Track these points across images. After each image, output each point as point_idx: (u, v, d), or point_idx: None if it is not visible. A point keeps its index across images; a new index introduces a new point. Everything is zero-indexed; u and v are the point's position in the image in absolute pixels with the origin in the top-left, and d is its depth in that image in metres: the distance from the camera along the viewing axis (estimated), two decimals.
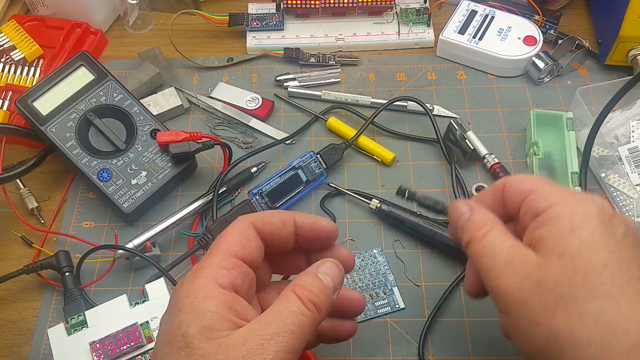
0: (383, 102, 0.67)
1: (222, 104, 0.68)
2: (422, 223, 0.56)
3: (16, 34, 0.68)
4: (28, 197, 0.62)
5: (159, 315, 0.48)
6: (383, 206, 0.58)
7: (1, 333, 0.55)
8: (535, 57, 0.67)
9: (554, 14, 0.72)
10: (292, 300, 0.35)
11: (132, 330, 0.47)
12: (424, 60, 0.72)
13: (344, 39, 0.73)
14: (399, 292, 0.55)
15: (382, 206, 0.58)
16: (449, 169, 0.61)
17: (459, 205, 0.41)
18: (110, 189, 0.58)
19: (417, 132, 0.65)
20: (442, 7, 0.75)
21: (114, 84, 0.62)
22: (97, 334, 0.47)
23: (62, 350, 0.47)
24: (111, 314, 0.49)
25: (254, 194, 0.58)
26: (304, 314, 0.34)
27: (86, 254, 0.54)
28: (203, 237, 0.56)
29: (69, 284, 0.54)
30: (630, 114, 0.63)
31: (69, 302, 0.53)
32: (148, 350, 0.47)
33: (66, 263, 0.55)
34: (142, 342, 0.47)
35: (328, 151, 0.61)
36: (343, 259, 0.41)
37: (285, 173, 0.60)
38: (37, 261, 0.55)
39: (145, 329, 0.48)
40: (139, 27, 0.77)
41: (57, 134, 0.59)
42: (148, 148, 0.60)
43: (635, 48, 0.65)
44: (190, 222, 0.59)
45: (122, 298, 0.49)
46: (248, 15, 0.74)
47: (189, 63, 0.72)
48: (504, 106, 0.67)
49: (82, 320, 0.49)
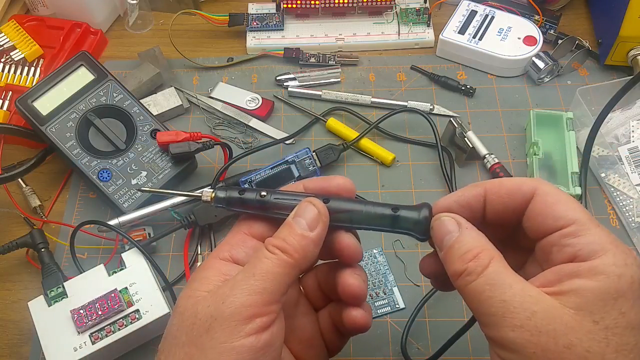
0: (383, 102, 0.67)
1: (222, 104, 0.68)
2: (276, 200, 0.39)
3: (16, 34, 0.68)
4: (31, 196, 0.62)
5: (137, 281, 0.51)
6: (219, 193, 0.40)
7: (1, 333, 0.55)
8: (535, 57, 0.67)
9: (554, 14, 0.72)
10: (258, 249, 0.37)
11: (112, 296, 0.49)
12: (424, 60, 0.72)
13: (344, 39, 0.73)
14: (399, 292, 0.55)
15: (218, 193, 0.40)
16: (449, 169, 0.61)
17: (445, 220, 0.36)
18: (110, 189, 0.58)
19: (417, 132, 0.65)
20: (442, 7, 0.75)
21: (114, 84, 0.62)
22: (78, 303, 0.48)
23: (43, 322, 0.48)
24: (90, 284, 0.50)
25: (243, 182, 0.59)
26: (268, 257, 0.35)
27: (73, 232, 0.55)
28: (186, 217, 0.57)
29: (45, 259, 0.54)
30: (630, 114, 0.63)
31: (47, 276, 0.53)
32: (129, 314, 0.49)
33: (41, 240, 0.56)
34: (123, 307, 0.49)
35: (324, 150, 0.61)
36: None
37: (278, 166, 0.60)
38: (12, 241, 0.56)
39: (125, 294, 0.50)
40: (139, 27, 0.77)
41: (57, 134, 0.59)
42: (148, 148, 0.60)
43: (635, 48, 0.65)
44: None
45: (100, 267, 0.51)
46: (248, 15, 0.74)
47: (189, 63, 0.72)
48: (504, 106, 0.67)
49: (61, 292, 0.50)
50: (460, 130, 0.62)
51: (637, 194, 0.58)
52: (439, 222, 0.36)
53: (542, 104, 0.67)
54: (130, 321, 0.49)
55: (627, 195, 0.58)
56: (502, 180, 0.36)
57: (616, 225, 0.58)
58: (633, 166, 0.60)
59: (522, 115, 0.66)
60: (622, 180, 0.59)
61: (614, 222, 0.58)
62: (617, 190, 0.59)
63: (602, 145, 0.60)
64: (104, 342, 0.48)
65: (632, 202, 0.58)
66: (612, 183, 0.59)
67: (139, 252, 0.52)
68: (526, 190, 0.35)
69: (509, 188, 0.35)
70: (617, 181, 0.59)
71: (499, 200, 0.36)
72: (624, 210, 0.58)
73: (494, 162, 0.61)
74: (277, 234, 0.37)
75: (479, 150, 0.62)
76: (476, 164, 0.63)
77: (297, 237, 0.36)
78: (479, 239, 0.34)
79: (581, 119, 0.62)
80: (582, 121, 0.62)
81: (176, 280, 0.56)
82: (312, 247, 0.37)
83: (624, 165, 0.60)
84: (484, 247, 0.33)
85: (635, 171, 0.60)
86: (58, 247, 0.58)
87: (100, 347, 0.48)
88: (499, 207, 0.36)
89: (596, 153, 0.60)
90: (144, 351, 0.52)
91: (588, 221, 0.32)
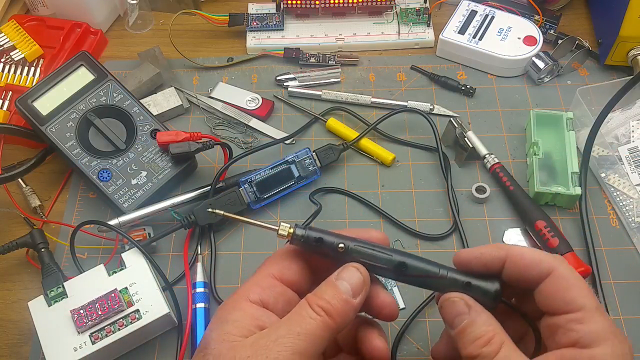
0: (383, 102, 0.67)
1: (222, 104, 0.68)
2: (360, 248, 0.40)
3: (16, 34, 0.68)
4: (31, 196, 0.62)
5: (137, 281, 0.51)
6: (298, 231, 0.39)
7: (1, 333, 0.55)
8: (535, 57, 0.67)
9: (554, 14, 0.72)
10: (302, 306, 0.37)
11: (112, 296, 0.49)
12: (424, 60, 0.72)
13: (344, 39, 0.73)
14: (399, 292, 0.55)
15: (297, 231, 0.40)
16: (449, 169, 0.61)
17: (456, 301, 0.38)
18: (110, 189, 0.58)
19: (417, 132, 0.65)
20: (442, 7, 0.75)
21: (114, 84, 0.62)
22: (78, 303, 0.48)
23: (43, 322, 0.48)
24: (90, 284, 0.50)
25: (243, 182, 0.59)
26: (313, 318, 0.36)
27: (73, 233, 0.55)
28: (186, 217, 0.56)
29: (45, 259, 0.54)
30: (630, 114, 0.63)
31: (47, 276, 0.53)
32: (129, 314, 0.49)
33: (41, 240, 0.56)
34: (123, 307, 0.49)
35: (324, 150, 0.61)
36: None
37: (278, 166, 0.60)
38: (12, 241, 0.56)
39: (125, 294, 0.50)
40: (139, 27, 0.77)
41: (57, 134, 0.59)
42: (148, 148, 0.60)
43: (635, 48, 0.65)
44: None
45: (100, 267, 0.51)
46: (248, 15, 0.74)
47: (189, 63, 0.72)
48: (504, 106, 0.67)
49: (61, 292, 0.50)
50: (460, 130, 0.62)
51: (637, 194, 0.58)
52: (450, 303, 0.38)
53: (542, 104, 0.67)
54: (130, 321, 0.49)
55: (627, 195, 0.58)
56: (524, 252, 0.38)
57: (616, 225, 0.58)
58: (633, 166, 0.60)
59: (522, 115, 0.66)
60: (622, 180, 0.59)
61: (614, 222, 0.58)
62: (617, 190, 0.59)
63: (602, 145, 0.60)
64: (104, 342, 0.48)
65: (632, 202, 0.58)
66: (612, 183, 0.59)
67: (139, 252, 0.52)
68: (544, 268, 0.37)
69: (529, 261, 0.38)
70: (617, 181, 0.59)
71: (516, 269, 0.38)
72: (624, 210, 0.58)
73: (494, 162, 0.61)
74: (321, 294, 0.37)
75: (479, 150, 0.62)
76: (476, 164, 0.63)
77: (342, 302, 0.37)
78: (490, 322, 0.37)
79: (581, 119, 0.62)
80: (582, 121, 0.62)
81: (176, 280, 0.56)
82: (353, 314, 0.37)
83: (624, 165, 0.60)
84: (495, 332, 0.36)
85: (635, 171, 0.60)
86: (58, 247, 0.58)
87: (100, 347, 0.48)
88: (516, 274, 0.38)
89: (596, 153, 0.60)
90: (144, 351, 0.52)
91: (594, 309, 0.35)
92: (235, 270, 0.57)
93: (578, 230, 0.57)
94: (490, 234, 0.58)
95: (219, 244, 0.59)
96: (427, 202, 0.60)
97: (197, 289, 0.54)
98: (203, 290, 0.54)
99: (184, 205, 0.59)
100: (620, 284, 0.54)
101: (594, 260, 0.55)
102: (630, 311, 0.53)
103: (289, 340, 0.34)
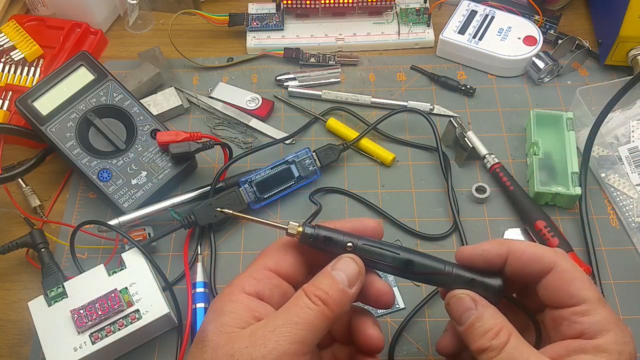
0: (383, 102, 0.67)
1: (222, 104, 0.68)
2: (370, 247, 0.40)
3: (16, 34, 0.68)
4: (31, 196, 0.62)
5: (137, 281, 0.51)
6: (307, 229, 0.39)
7: (1, 333, 0.55)
8: (535, 57, 0.67)
9: (554, 14, 0.72)
10: (299, 296, 0.37)
11: (112, 296, 0.49)
12: (424, 60, 0.72)
13: (344, 39, 0.73)
14: (399, 292, 0.55)
15: (306, 229, 0.39)
16: (449, 169, 0.61)
17: (463, 298, 0.39)
18: (110, 189, 0.58)
19: (417, 132, 0.65)
20: (442, 7, 0.75)
21: (114, 84, 0.62)
22: (78, 303, 0.49)
23: (43, 322, 0.49)
24: (90, 284, 0.50)
25: (243, 182, 0.59)
26: (310, 308, 0.36)
27: (73, 233, 0.55)
28: (186, 217, 0.56)
29: (45, 259, 0.54)
30: (630, 114, 0.63)
31: (47, 276, 0.53)
32: (129, 314, 0.49)
33: (41, 240, 0.56)
34: (123, 307, 0.49)
35: (324, 150, 0.61)
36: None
37: (278, 166, 0.60)
38: (12, 241, 0.56)
39: (125, 294, 0.50)
40: (139, 27, 0.77)
41: (57, 134, 0.59)
42: (148, 148, 0.60)
43: (635, 48, 0.65)
44: None
45: (100, 267, 0.51)
46: (248, 15, 0.74)
47: (189, 63, 0.72)
48: (504, 106, 0.67)
49: (61, 292, 0.50)
50: (460, 130, 0.62)
51: (637, 194, 0.58)
52: (456, 300, 0.39)
53: (542, 104, 0.67)
54: (130, 321, 0.49)
55: (627, 195, 0.58)
56: (525, 248, 0.39)
57: (616, 226, 0.58)
58: (633, 166, 0.60)
59: (522, 115, 0.66)
60: (622, 180, 0.59)
61: (614, 222, 0.58)
62: (617, 190, 0.59)
63: (602, 145, 0.60)
64: (104, 342, 0.48)
65: (632, 202, 0.58)
66: (612, 183, 0.59)
67: (139, 252, 0.52)
68: (546, 262, 0.38)
69: (531, 256, 0.39)
70: (617, 181, 0.59)
71: (518, 264, 0.39)
72: (624, 210, 0.58)
73: (494, 162, 0.61)
74: (318, 284, 0.37)
75: (479, 150, 0.62)
76: (476, 164, 0.63)
77: (339, 292, 0.37)
78: (496, 316, 0.38)
79: (581, 119, 0.62)
80: (582, 121, 0.62)
81: (176, 280, 0.56)
82: (349, 303, 0.38)
83: (624, 165, 0.60)
84: (503, 325, 0.37)
85: (635, 171, 0.60)
86: (58, 247, 0.58)
87: (100, 347, 0.48)
88: (518, 270, 0.39)
89: (596, 153, 0.60)
90: (144, 351, 0.52)
91: (597, 301, 0.37)
92: (235, 270, 0.57)
93: (578, 230, 0.57)
94: (490, 234, 0.58)
95: (219, 244, 0.59)
96: (427, 202, 0.60)
97: (197, 289, 0.54)
98: (203, 290, 0.54)
99: (184, 205, 0.59)
100: (620, 284, 0.54)
101: (594, 260, 0.55)
102: (630, 311, 0.53)
103: (286, 330, 0.34)
